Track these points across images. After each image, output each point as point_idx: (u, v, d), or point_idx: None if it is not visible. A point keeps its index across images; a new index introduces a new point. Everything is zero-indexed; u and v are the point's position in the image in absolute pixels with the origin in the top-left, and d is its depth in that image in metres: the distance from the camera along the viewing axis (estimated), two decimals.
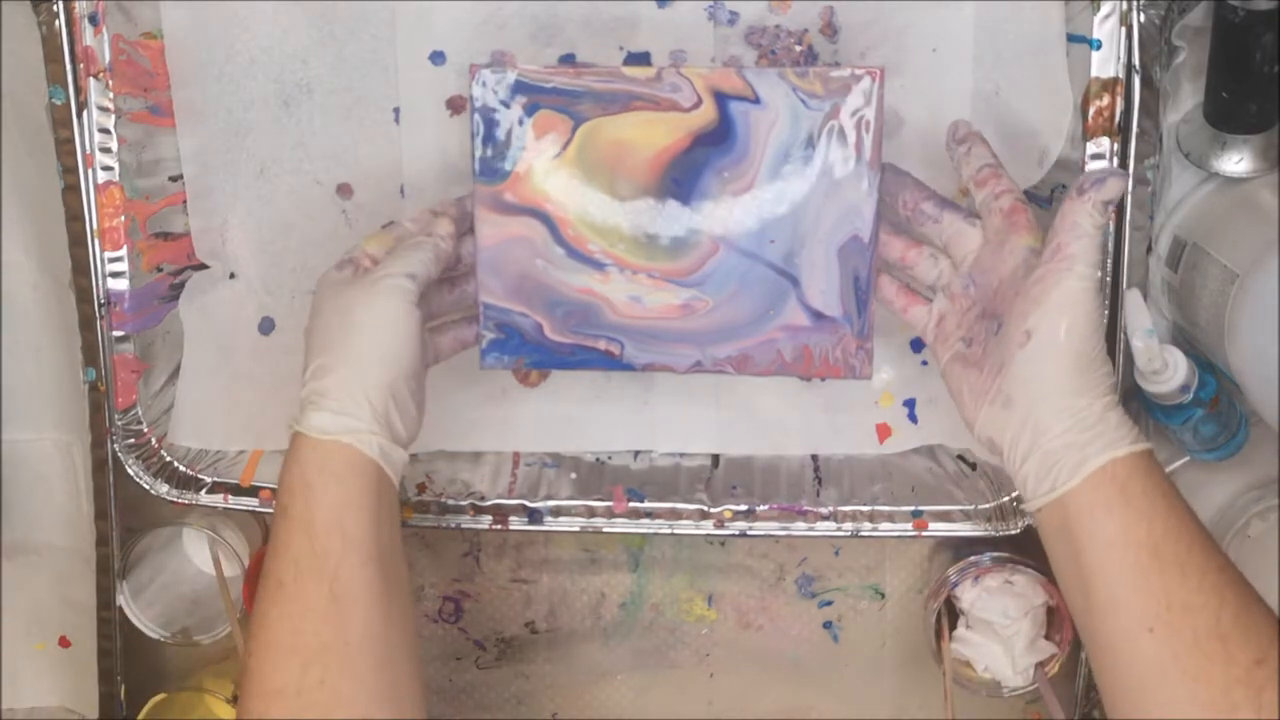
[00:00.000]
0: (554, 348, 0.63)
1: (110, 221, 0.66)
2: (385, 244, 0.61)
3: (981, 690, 0.72)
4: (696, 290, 0.62)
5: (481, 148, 0.61)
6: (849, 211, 0.60)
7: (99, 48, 0.64)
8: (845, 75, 0.59)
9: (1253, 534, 0.71)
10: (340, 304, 0.58)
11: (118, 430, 0.68)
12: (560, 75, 0.60)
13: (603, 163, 0.60)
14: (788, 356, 0.62)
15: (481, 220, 0.61)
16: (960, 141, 0.60)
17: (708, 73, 0.59)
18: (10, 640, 0.75)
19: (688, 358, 0.63)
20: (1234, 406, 0.67)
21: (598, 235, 0.61)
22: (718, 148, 0.60)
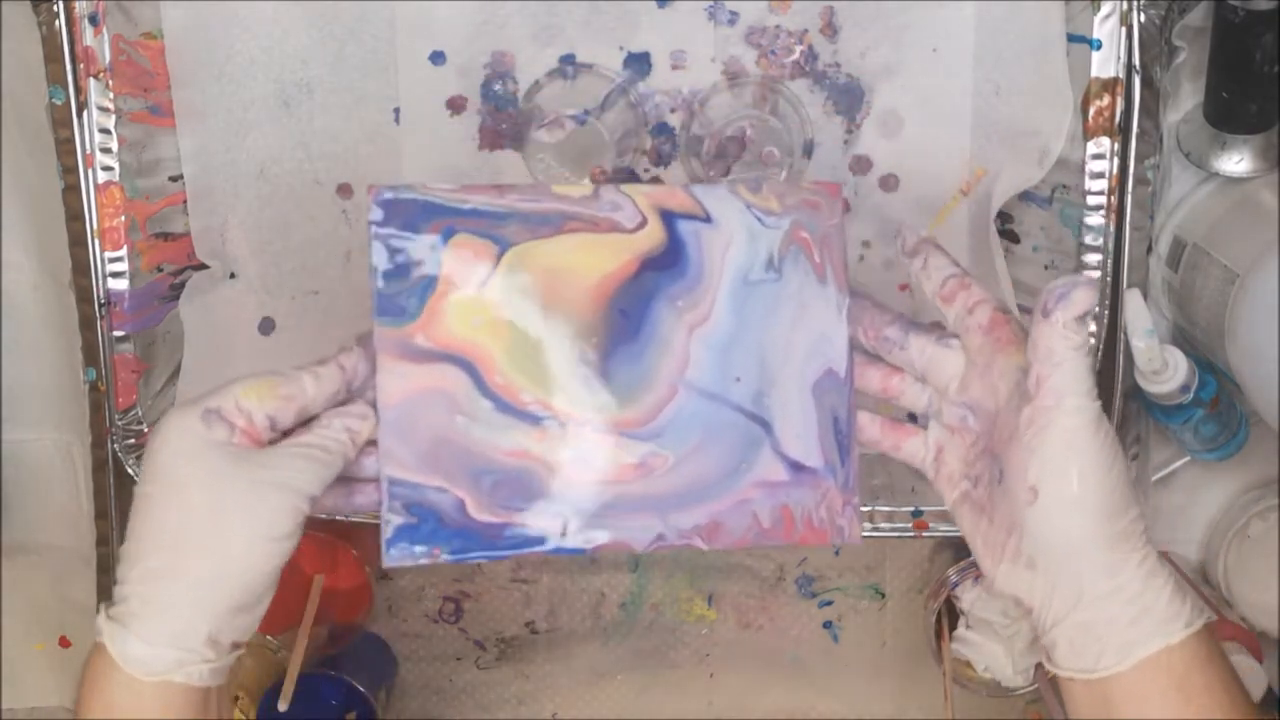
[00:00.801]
0: (480, 531, 0.50)
1: (110, 221, 0.66)
2: (269, 404, 0.47)
3: (982, 690, 0.72)
4: (654, 444, 0.51)
5: (383, 282, 0.49)
6: (820, 341, 0.53)
7: (99, 48, 0.64)
8: (803, 191, 0.53)
9: (1253, 534, 0.71)
10: (207, 498, 0.45)
11: (118, 430, 0.68)
12: (479, 195, 0.50)
13: (535, 295, 0.50)
14: (765, 520, 0.52)
15: (385, 371, 0.49)
16: (912, 254, 0.52)
17: (651, 190, 0.52)
18: (10, 640, 0.76)
19: (647, 530, 0.51)
20: (1234, 406, 0.67)
21: (531, 382, 0.50)
22: (668, 272, 0.51)
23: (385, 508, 0.49)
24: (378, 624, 0.79)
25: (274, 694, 0.68)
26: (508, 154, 0.68)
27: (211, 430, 0.46)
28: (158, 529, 0.46)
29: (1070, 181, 0.63)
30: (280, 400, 0.48)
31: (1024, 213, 0.67)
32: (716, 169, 0.62)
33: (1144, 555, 0.46)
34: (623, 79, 0.66)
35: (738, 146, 0.62)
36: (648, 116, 0.67)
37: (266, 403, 0.47)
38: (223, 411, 0.46)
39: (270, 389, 0.47)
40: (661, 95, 0.67)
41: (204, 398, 0.47)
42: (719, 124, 0.62)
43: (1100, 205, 0.62)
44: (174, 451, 0.46)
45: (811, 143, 0.67)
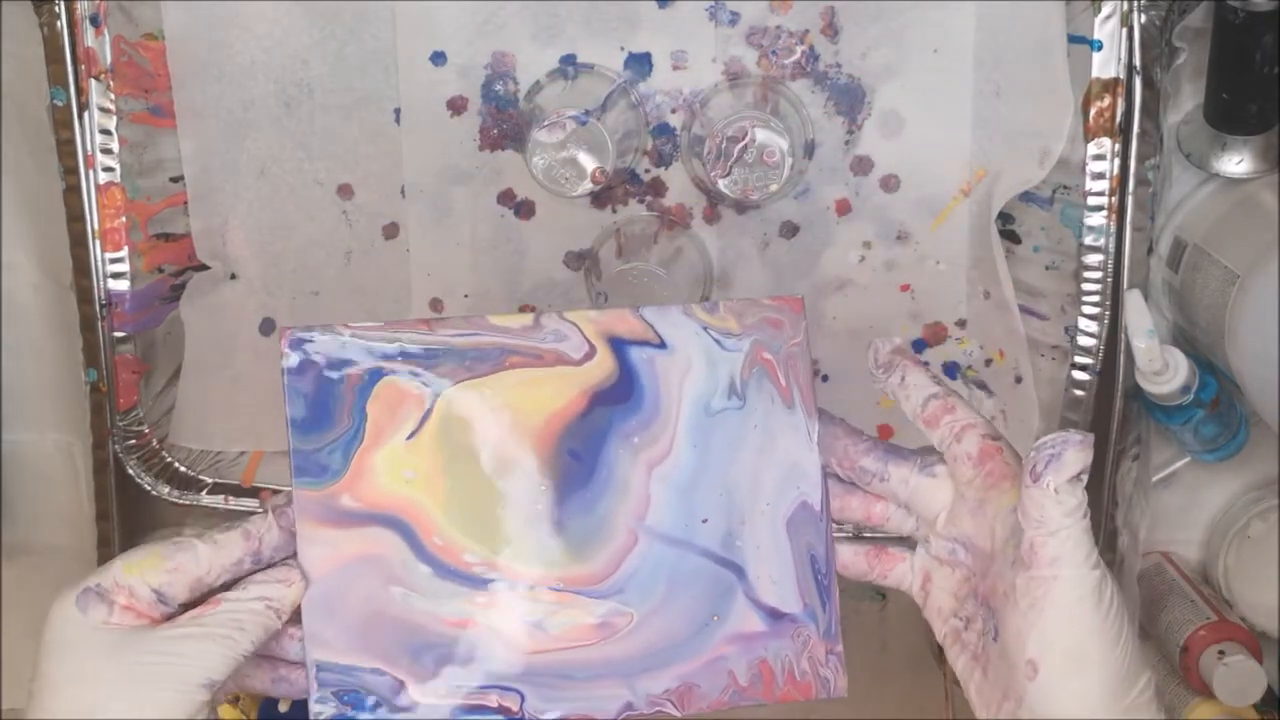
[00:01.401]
0: (424, 715, 0.46)
1: (111, 222, 0.66)
2: (154, 577, 0.43)
3: None
4: (614, 601, 0.47)
5: (300, 437, 0.45)
6: (791, 472, 0.48)
7: (100, 49, 0.64)
8: (763, 308, 0.49)
9: (1253, 534, 0.71)
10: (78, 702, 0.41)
11: (119, 431, 0.68)
12: (407, 331, 0.46)
13: (475, 441, 0.46)
14: (742, 678, 0.48)
15: (307, 540, 0.45)
16: (886, 369, 0.48)
17: (597, 316, 0.48)
18: (11, 641, 0.76)
19: (614, 700, 0.47)
20: (1234, 407, 0.67)
21: (474, 540, 0.46)
22: (621, 407, 0.47)
23: (313, 697, 0.45)
24: None
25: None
26: (508, 154, 0.68)
27: (87, 614, 0.42)
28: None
29: (1071, 182, 0.63)
30: (167, 574, 0.43)
31: (1025, 213, 0.67)
32: (717, 169, 0.62)
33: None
34: (623, 79, 0.66)
35: (738, 147, 0.62)
36: (648, 117, 0.67)
37: (150, 576, 0.43)
38: (101, 589, 0.43)
39: (156, 561, 0.43)
40: (662, 96, 0.67)
41: (86, 578, 0.43)
42: (720, 124, 0.61)
43: (1101, 206, 0.62)
44: (49, 646, 0.43)
45: (812, 143, 0.67)
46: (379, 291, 0.70)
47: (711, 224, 0.69)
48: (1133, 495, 0.68)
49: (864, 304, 0.69)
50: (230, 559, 0.44)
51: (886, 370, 0.48)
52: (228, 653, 0.42)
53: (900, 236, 0.68)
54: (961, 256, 0.68)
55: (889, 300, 0.69)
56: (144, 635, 0.42)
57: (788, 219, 0.68)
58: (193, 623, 0.43)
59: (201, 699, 0.42)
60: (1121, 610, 0.43)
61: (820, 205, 0.68)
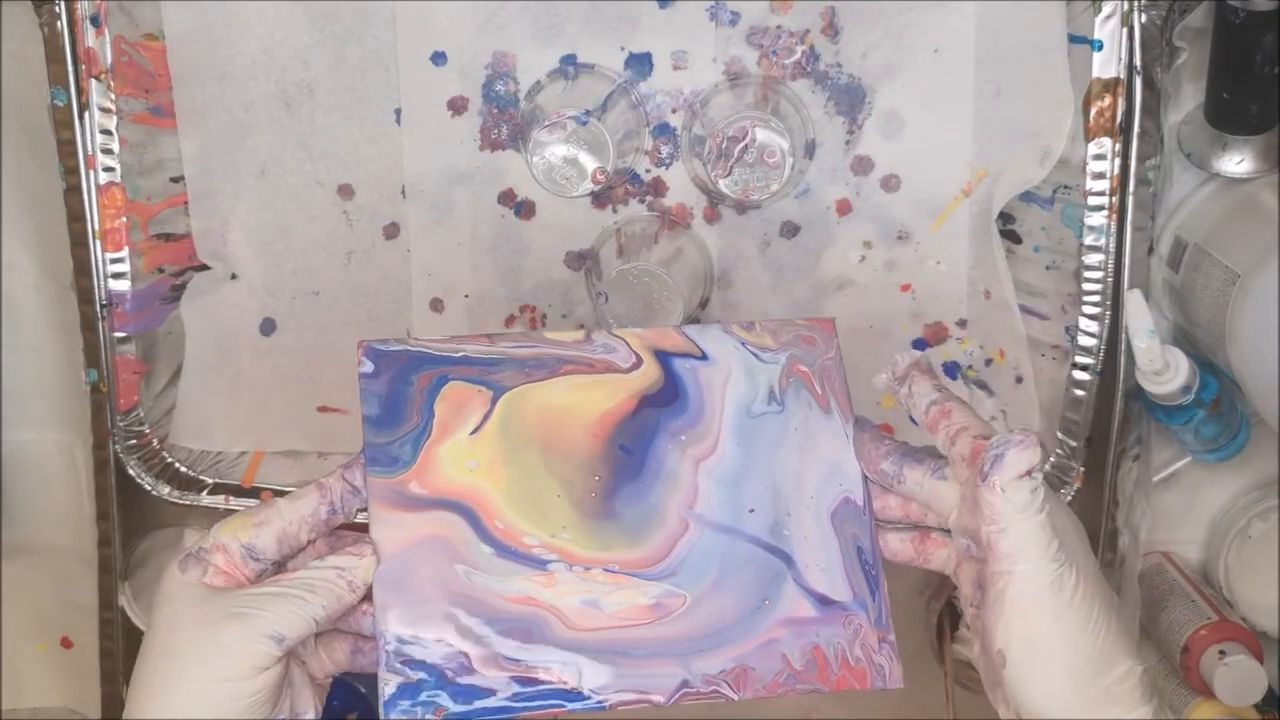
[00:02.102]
0: (486, 687, 0.47)
1: (112, 222, 0.66)
2: (244, 533, 0.47)
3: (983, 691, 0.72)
4: (668, 584, 0.49)
5: (374, 432, 0.49)
6: (833, 471, 0.52)
7: (101, 49, 0.64)
8: (796, 327, 0.54)
9: (1253, 534, 0.71)
10: (162, 643, 0.45)
11: (119, 431, 0.68)
12: (470, 343, 0.51)
13: (533, 436, 0.50)
14: (797, 662, 0.49)
15: (380, 522, 0.48)
16: (902, 380, 0.52)
17: (642, 333, 0.53)
18: (12, 641, 0.76)
19: (670, 679, 0.48)
20: (1235, 407, 0.67)
21: (534, 524, 0.49)
22: (669, 409, 0.51)
23: (383, 665, 0.47)
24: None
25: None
26: (509, 154, 0.68)
27: (186, 573, 0.46)
28: (136, 672, 0.46)
29: (1072, 182, 0.63)
30: (254, 528, 0.47)
31: (1025, 213, 0.67)
32: (717, 169, 0.62)
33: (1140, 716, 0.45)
34: (624, 79, 0.66)
35: (739, 147, 0.62)
36: (649, 117, 0.67)
37: (240, 534, 0.47)
38: (200, 553, 0.47)
39: (244, 519, 0.47)
40: (663, 95, 0.67)
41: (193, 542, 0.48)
42: (720, 124, 0.61)
43: (1102, 205, 0.62)
44: (157, 598, 0.47)
45: (813, 143, 0.67)
46: (379, 292, 0.70)
47: (712, 224, 0.69)
48: (1133, 495, 0.68)
49: (865, 304, 0.69)
50: (307, 510, 0.48)
51: (902, 381, 0.51)
52: (298, 612, 0.45)
53: (901, 236, 0.68)
54: (962, 256, 0.68)
55: (889, 300, 0.69)
56: (228, 593, 0.46)
57: (788, 219, 0.68)
58: (271, 583, 0.46)
59: (269, 650, 0.45)
60: (1090, 600, 0.45)
61: (821, 205, 0.68)
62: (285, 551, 0.48)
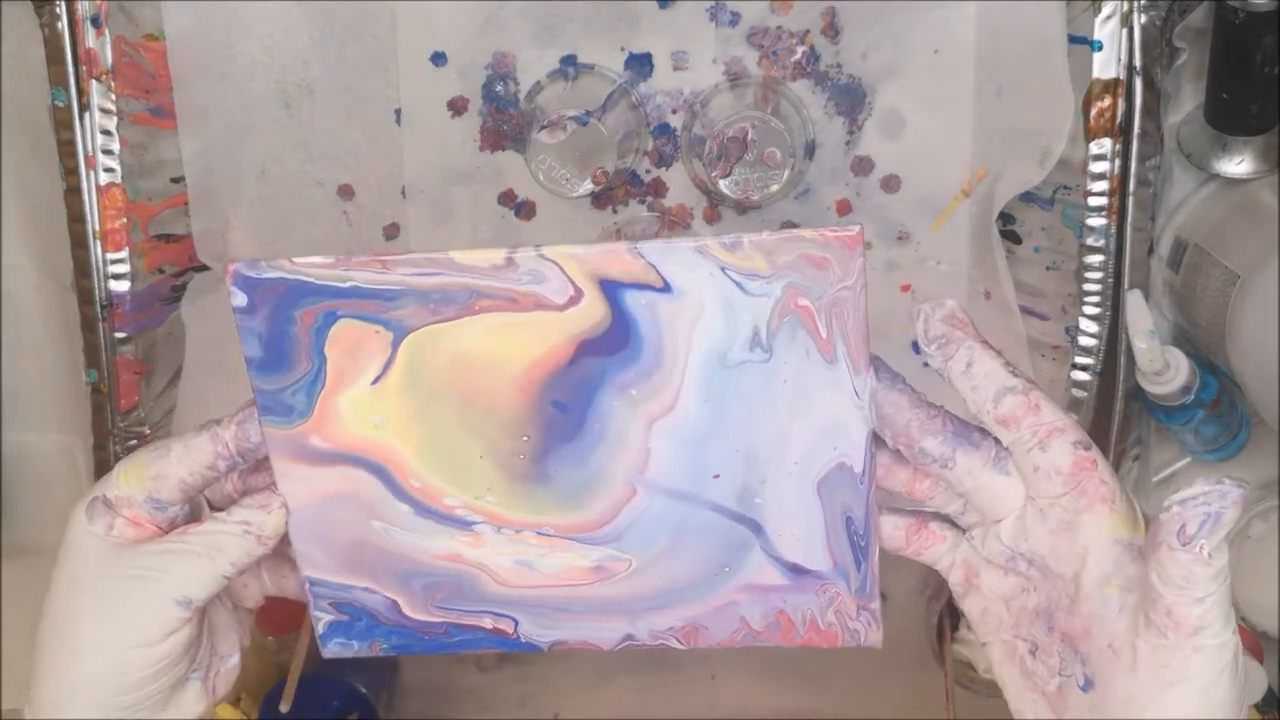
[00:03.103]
0: (419, 628, 0.45)
1: (112, 223, 0.66)
2: (143, 485, 0.44)
3: (983, 691, 0.72)
4: (611, 548, 0.43)
5: (260, 376, 0.42)
6: (828, 431, 0.41)
7: (101, 49, 0.64)
8: (803, 244, 0.39)
9: (1254, 535, 0.71)
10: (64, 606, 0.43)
11: (119, 432, 0.68)
12: (361, 270, 0.40)
13: (446, 389, 0.42)
14: (757, 624, 0.44)
15: (283, 475, 0.43)
16: (939, 343, 0.40)
17: (584, 253, 0.40)
18: (11, 641, 0.76)
19: (614, 631, 0.45)
20: (1235, 407, 0.67)
21: (454, 485, 0.43)
22: (615, 357, 0.41)
23: (312, 605, 0.45)
24: None
25: (276, 695, 0.68)
26: (509, 155, 0.68)
27: (93, 523, 0.43)
28: (38, 632, 0.44)
29: (1072, 182, 0.63)
30: (152, 480, 0.44)
31: (1026, 214, 0.67)
32: (718, 170, 0.62)
33: None
34: (624, 80, 0.66)
35: (739, 147, 0.62)
36: (649, 117, 0.67)
37: (138, 486, 0.44)
38: (108, 500, 0.44)
39: (140, 470, 0.44)
40: (663, 96, 0.67)
41: (97, 484, 0.44)
42: (720, 125, 0.61)
43: (1102, 206, 0.62)
44: (63, 547, 0.44)
45: (813, 143, 0.67)
46: None
47: (712, 224, 0.69)
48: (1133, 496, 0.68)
49: None
50: (202, 461, 0.44)
51: (942, 347, 0.40)
52: (206, 572, 0.43)
53: (901, 237, 0.68)
54: (962, 257, 0.69)
55: (889, 300, 0.69)
56: (133, 550, 0.43)
57: (788, 219, 0.69)
58: (177, 539, 0.43)
59: (176, 615, 0.43)
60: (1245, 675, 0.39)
61: (821, 206, 0.68)
62: (192, 496, 0.45)
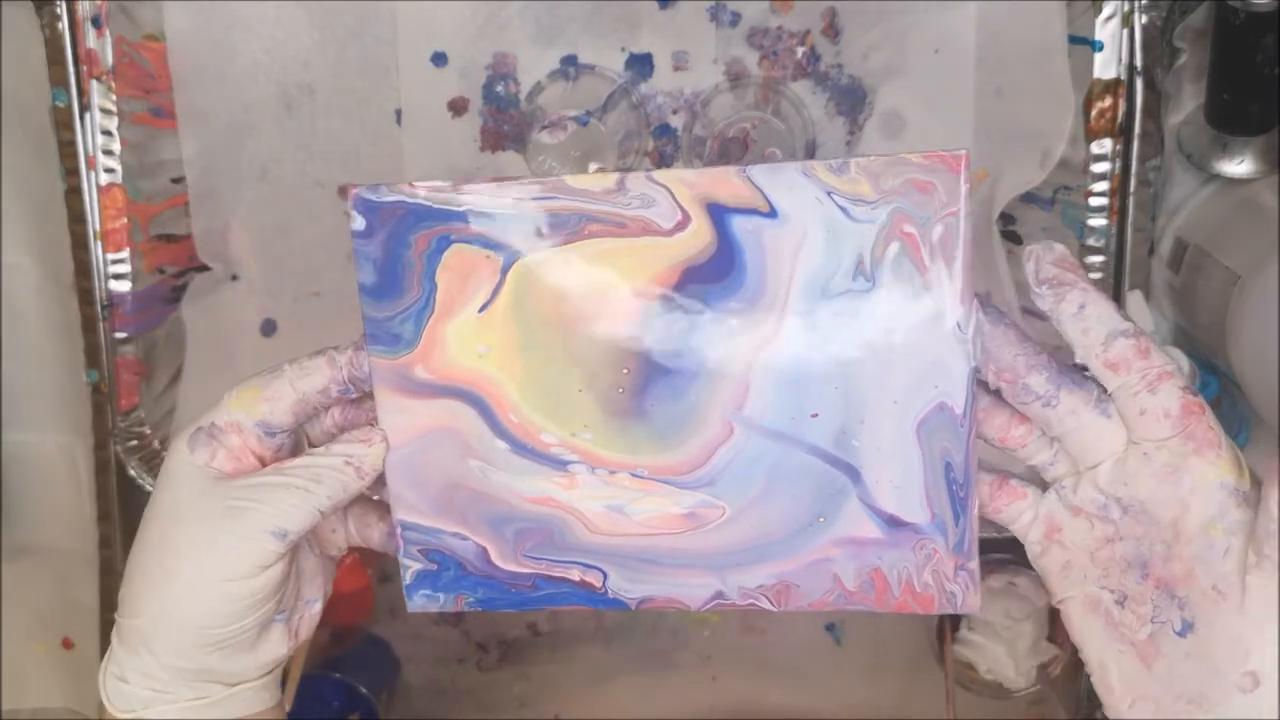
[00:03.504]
0: (507, 579, 0.44)
1: (112, 223, 0.66)
2: (257, 409, 0.44)
3: (984, 692, 0.72)
4: (705, 493, 0.42)
5: (372, 303, 0.42)
6: (930, 370, 0.40)
7: (101, 50, 0.64)
8: (909, 168, 0.39)
9: None
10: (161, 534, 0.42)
11: (120, 432, 0.68)
12: (475, 193, 0.41)
13: (551, 315, 0.42)
14: (850, 583, 0.43)
15: (385, 408, 0.43)
16: (1050, 284, 0.40)
17: (693, 177, 0.40)
18: (13, 641, 0.76)
19: (703, 589, 0.43)
20: (1236, 408, 0.67)
21: (552, 420, 0.42)
22: (719, 284, 0.40)
23: (401, 552, 0.45)
24: (379, 626, 0.79)
25: None
26: (509, 155, 0.68)
27: (194, 453, 0.43)
28: (131, 561, 0.43)
29: (1072, 183, 0.63)
30: (266, 403, 0.43)
31: (1026, 214, 0.67)
32: None
33: None
34: (624, 80, 0.66)
35: (740, 147, 0.62)
36: (649, 117, 0.67)
37: (251, 410, 0.43)
38: (213, 429, 0.43)
39: (254, 394, 0.43)
40: (663, 96, 0.67)
41: (204, 414, 0.44)
42: (721, 125, 0.61)
43: (1102, 206, 0.62)
44: (162, 475, 0.43)
45: (814, 144, 0.67)
46: None
47: None
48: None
49: None
50: (317, 384, 0.44)
51: (1054, 289, 0.39)
52: (302, 504, 0.42)
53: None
54: None
55: None
56: (231, 482, 0.42)
57: None
58: (274, 471, 0.43)
59: (271, 547, 0.42)
60: None
61: None
62: (302, 421, 0.45)
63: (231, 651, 0.43)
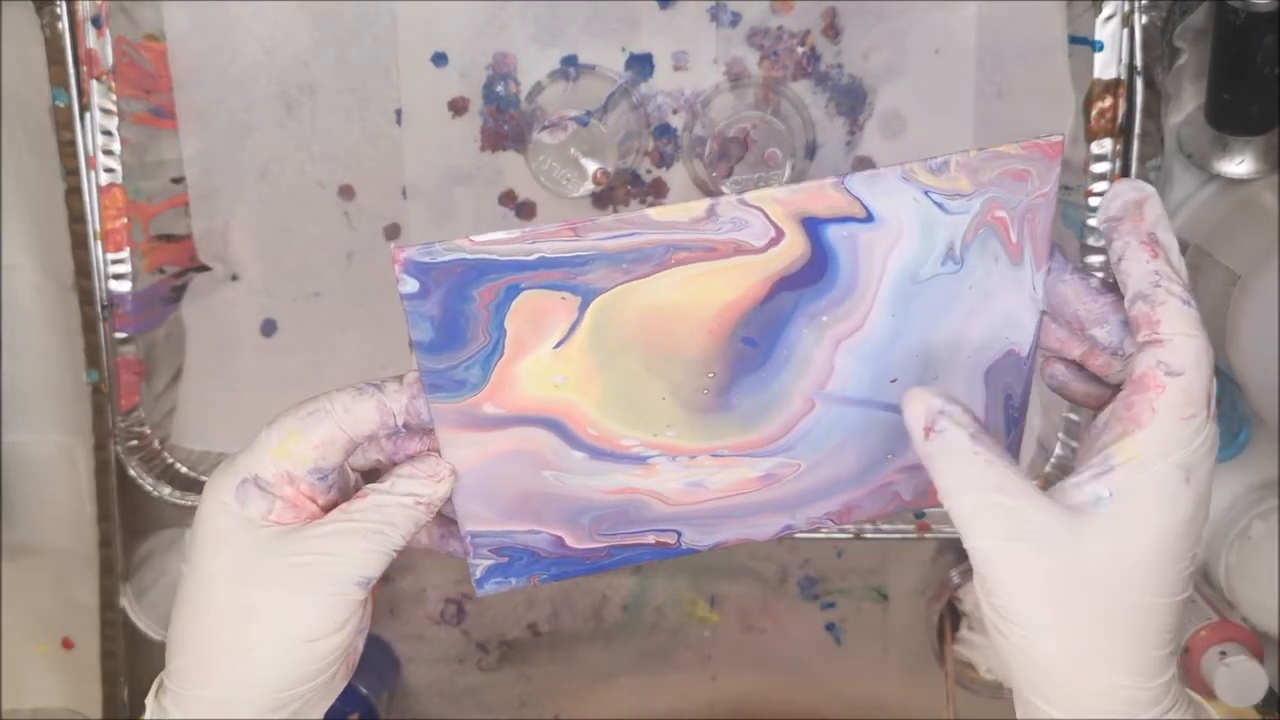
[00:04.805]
0: (581, 555, 0.44)
1: (112, 223, 0.66)
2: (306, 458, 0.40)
3: (984, 692, 0.72)
4: (783, 457, 0.43)
5: (429, 358, 0.39)
6: (1003, 324, 0.42)
7: (102, 50, 0.64)
8: (1007, 160, 0.40)
9: (1254, 535, 0.71)
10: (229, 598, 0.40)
11: (120, 432, 0.68)
12: (549, 240, 0.38)
13: (632, 340, 0.40)
14: (907, 495, 0.45)
15: (449, 444, 0.41)
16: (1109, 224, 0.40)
17: (789, 195, 0.39)
18: (13, 641, 0.76)
19: (771, 526, 0.45)
20: (1236, 408, 0.67)
21: (634, 428, 0.42)
22: (810, 288, 0.40)
23: (471, 555, 0.44)
24: (380, 626, 0.79)
25: None
26: (510, 155, 0.68)
27: (245, 507, 0.40)
28: (185, 624, 0.40)
29: (1072, 182, 0.63)
30: (315, 449, 0.40)
31: None
32: (719, 170, 0.62)
33: None
34: (625, 80, 0.66)
35: (740, 147, 0.62)
36: (650, 118, 0.67)
37: (304, 459, 0.40)
38: (260, 480, 0.40)
39: (300, 440, 0.40)
40: (664, 96, 0.67)
41: (240, 459, 0.41)
42: (721, 125, 0.61)
43: None
44: (206, 534, 0.40)
45: (814, 144, 0.67)
46: (381, 293, 0.70)
47: None
48: None
49: None
50: (364, 430, 0.41)
51: (1107, 231, 0.40)
52: (379, 549, 0.40)
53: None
54: None
55: None
56: (297, 533, 0.40)
57: None
58: (344, 516, 0.40)
59: (357, 598, 0.40)
60: None
61: None
62: (350, 454, 0.42)
63: (307, 704, 0.41)
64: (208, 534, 0.40)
